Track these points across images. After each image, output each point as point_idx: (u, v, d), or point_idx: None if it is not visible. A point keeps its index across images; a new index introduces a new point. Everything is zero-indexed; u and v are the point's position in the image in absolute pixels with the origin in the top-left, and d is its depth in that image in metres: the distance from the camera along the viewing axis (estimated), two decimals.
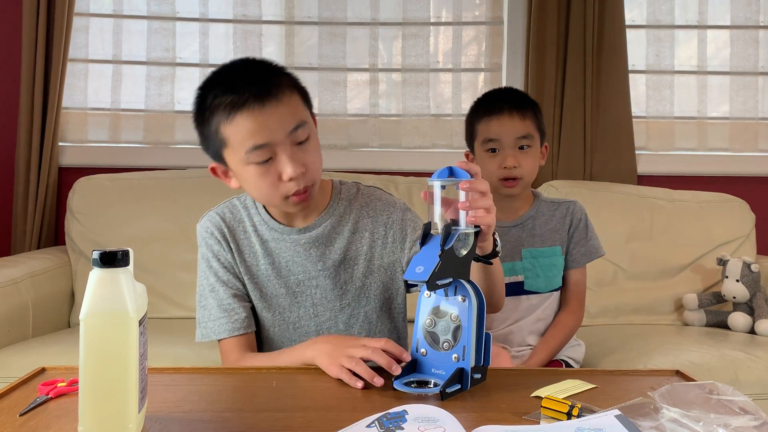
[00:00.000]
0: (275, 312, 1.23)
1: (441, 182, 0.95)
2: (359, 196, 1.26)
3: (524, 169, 1.52)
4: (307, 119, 1.14)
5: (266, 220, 1.22)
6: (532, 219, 1.58)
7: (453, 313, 0.96)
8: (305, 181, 1.11)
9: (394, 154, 2.46)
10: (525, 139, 1.52)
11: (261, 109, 1.07)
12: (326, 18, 2.46)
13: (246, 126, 1.08)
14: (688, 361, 1.59)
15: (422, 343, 0.99)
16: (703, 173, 2.47)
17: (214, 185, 2.20)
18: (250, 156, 1.09)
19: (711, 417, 0.76)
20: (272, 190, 1.12)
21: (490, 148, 1.53)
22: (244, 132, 1.08)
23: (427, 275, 0.90)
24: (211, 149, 1.16)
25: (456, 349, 0.95)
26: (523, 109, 1.53)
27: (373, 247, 1.23)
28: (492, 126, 1.52)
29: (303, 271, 1.22)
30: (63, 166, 2.37)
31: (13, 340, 1.73)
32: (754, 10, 2.50)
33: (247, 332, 1.20)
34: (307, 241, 1.21)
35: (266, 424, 0.82)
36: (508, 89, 1.67)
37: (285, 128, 1.09)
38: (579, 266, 1.59)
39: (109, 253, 0.74)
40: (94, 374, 0.74)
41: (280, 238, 1.21)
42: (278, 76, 1.13)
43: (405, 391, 0.93)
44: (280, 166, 1.09)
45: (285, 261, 1.22)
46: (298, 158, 1.10)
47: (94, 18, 2.43)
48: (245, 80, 1.09)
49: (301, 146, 1.12)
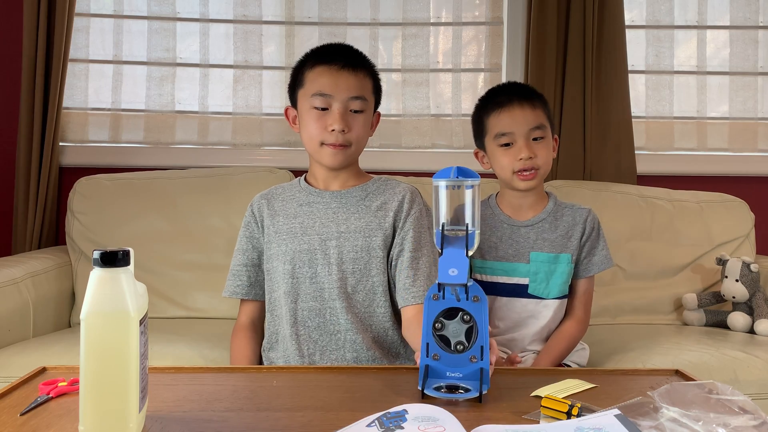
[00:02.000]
0: (296, 265, 1.37)
1: (447, 182, 0.95)
2: (394, 183, 1.47)
3: (540, 159, 1.48)
4: (369, 99, 1.39)
5: (304, 188, 1.45)
6: (544, 222, 1.55)
7: (465, 315, 0.96)
8: (344, 138, 1.36)
9: (394, 154, 2.46)
10: (538, 130, 1.49)
11: (338, 70, 1.36)
12: (326, 18, 2.47)
13: (321, 75, 1.36)
14: (688, 360, 1.59)
15: (433, 347, 0.97)
16: (702, 173, 2.47)
17: (214, 185, 2.22)
18: (313, 100, 1.36)
19: (710, 416, 0.76)
20: (317, 133, 1.36)
21: (504, 142, 1.50)
22: (318, 80, 1.36)
23: (464, 277, 0.92)
24: (290, 88, 1.44)
25: (473, 350, 0.95)
26: (532, 99, 1.51)
27: (394, 225, 1.39)
28: (503, 119, 1.50)
29: (327, 231, 1.38)
30: (63, 166, 2.37)
31: (13, 340, 1.73)
32: (753, 10, 2.50)
33: (247, 298, 1.44)
34: (338, 205, 1.40)
35: (266, 424, 0.82)
36: (513, 83, 1.65)
37: (347, 93, 1.35)
38: (588, 275, 1.56)
39: (109, 252, 0.75)
40: (95, 374, 0.75)
41: (314, 201, 1.42)
42: (364, 61, 1.41)
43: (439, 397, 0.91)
44: (330, 117, 1.35)
45: (313, 221, 1.39)
46: (345, 118, 1.35)
47: (95, 18, 2.44)
48: (339, 51, 1.40)
49: (353, 114, 1.37)
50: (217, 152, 2.44)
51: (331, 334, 1.35)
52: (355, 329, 1.34)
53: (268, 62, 2.46)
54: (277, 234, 1.40)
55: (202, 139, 2.45)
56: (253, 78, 2.46)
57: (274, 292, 1.40)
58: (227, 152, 2.44)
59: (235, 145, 2.45)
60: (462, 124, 2.47)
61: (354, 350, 1.35)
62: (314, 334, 1.36)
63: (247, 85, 2.46)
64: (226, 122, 2.46)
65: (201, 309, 2.04)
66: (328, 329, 1.35)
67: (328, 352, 1.35)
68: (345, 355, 1.35)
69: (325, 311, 1.35)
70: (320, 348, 1.35)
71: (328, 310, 1.35)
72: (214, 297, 2.04)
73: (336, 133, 1.34)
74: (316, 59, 1.39)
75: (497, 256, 1.55)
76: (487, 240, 1.56)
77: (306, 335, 1.35)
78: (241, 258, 1.45)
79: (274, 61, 2.47)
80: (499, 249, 1.55)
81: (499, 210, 1.59)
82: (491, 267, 1.55)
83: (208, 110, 2.46)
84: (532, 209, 1.57)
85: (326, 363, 1.35)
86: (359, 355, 1.35)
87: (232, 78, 2.46)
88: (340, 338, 1.35)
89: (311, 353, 1.35)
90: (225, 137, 2.45)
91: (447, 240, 0.95)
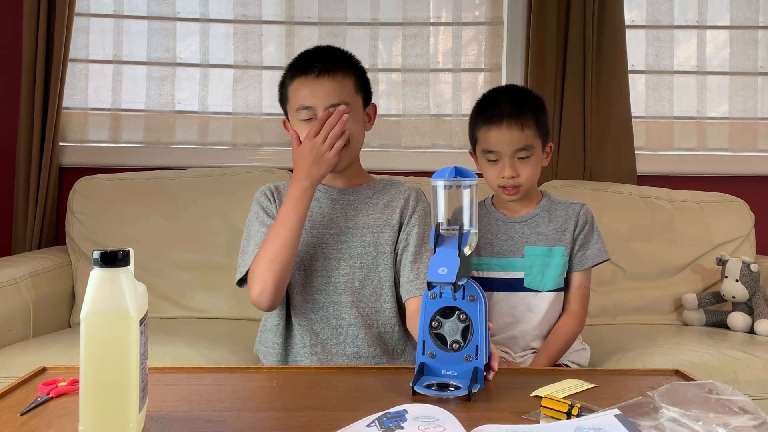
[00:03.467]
0: (303, 258, 1.37)
1: (444, 182, 0.95)
2: (398, 183, 1.47)
3: (522, 178, 1.52)
4: (351, 100, 1.36)
5: None
6: (537, 217, 1.59)
7: (461, 314, 0.96)
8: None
9: (393, 154, 2.47)
10: (524, 151, 1.51)
11: (314, 79, 1.34)
12: (326, 18, 2.47)
13: (300, 88, 1.35)
14: (688, 360, 1.59)
15: (429, 345, 0.98)
16: (702, 173, 2.47)
17: (214, 185, 2.22)
18: (299, 113, 1.35)
19: (710, 416, 0.76)
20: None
21: (490, 159, 1.54)
22: (298, 93, 1.35)
23: (453, 276, 0.91)
24: (280, 103, 1.44)
25: (468, 348, 0.96)
26: (522, 117, 1.51)
27: (400, 223, 1.40)
28: (491, 137, 1.52)
29: (336, 226, 1.39)
30: (63, 166, 2.37)
31: (13, 340, 1.73)
32: (753, 10, 2.50)
33: None
34: (346, 201, 1.41)
35: (266, 424, 0.82)
36: (511, 89, 1.66)
37: (326, 100, 1.33)
38: (583, 269, 1.58)
39: (109, 252, 0.75)
40: (95, 374, 0.75)
41: (322, 196, 1.41)
42: (343, 60, 1.38)
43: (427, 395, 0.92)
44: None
45: (322, 216, 1.40)
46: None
47: (95, 18, 2.44)
48: (315, 57, 1.37)
49: None
50: (217, 152, 2.44)
51: (333, 328, 1.36)
52: (359, 324, 1.35)
53: (268, 62, 2.46)
54: None
55: (202, 139, 2.45)
56: (253, 78, 2.46)
57: None
58: (227, 152, 2.44)
59: (235, 145, 2.45)
60: (462, 124, 2.47)
61: (355, 345, 1.36)
62: (316, 327, 1.36)
63: (247, 85, 2.46)
64: (226, 122, 2.46)
65: (201, 309, 2.04)
66: (331, 323, 1.36)
67: (329, 345, 1.36)
68: (345, 350, 1.36)
69: (329, 305, 1.36)
70: (321, 341, 1.36)
71: (332, 304, 1.36)
72: (214, 297, 2.05)
73: None
74: (293, 71, 1.37)
75: (492, 252, 1.58)
76: (483, 237, 1.59)
77: (308, 327, 1.36)
78: (256, 238, 1.37)
79: (274, 61, 2.47)
80: (495, 245, 1.58)
81: (494, 209, 1.63)
82: (487, 263, 1.58)
83: (208, 110, 2.46)
84: (526, 207, 1.61)
85: (327, 357, 1.35)
86: (360, 350, 1.36)
87: (232, 78, 2.46)
88: (342, 332, 1.36)
89: (313, 344, 1.36)
90: (225, 137, 2.45)
91: (442, 239, 0.95)
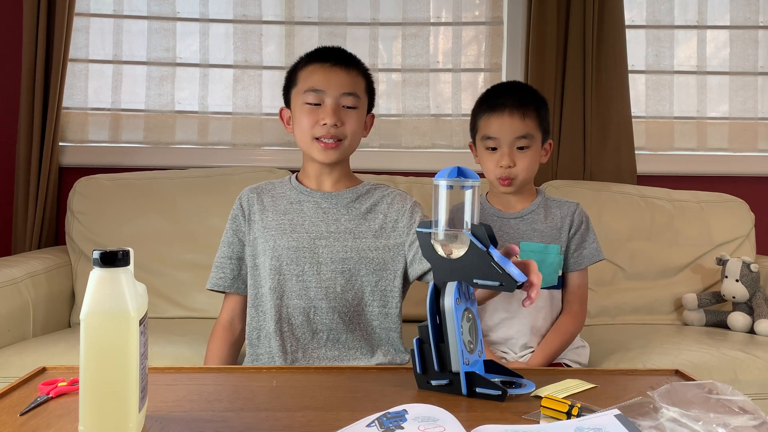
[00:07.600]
0: (283, 262, 1.37)
1: (447, 182, 0.95)
2: (383, 188, 1.48)
3: (519, 168, 1.52)
4: (361, 97, 1.40)
5: (295, 186, 1.45)
6: (533, 214, 1.59)
7: (469, 313, 0.96)
8: (337, 132, 1.36)
9: (393, 154, 2.47)
10: (524, 139, 1.52)
11: (330, 67, 1.38)
12: (326, 18, 2.47)
13: (314, 73, 1.38)
14: (688, 360, 1.59)
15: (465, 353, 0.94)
16: (702, 173, 2.47)
17: (214, 185, 2.22)
18: (306, 96, 1.37)
19: (710, 416, 0.76)
20: (309, 127, 1.37)
21: (489, 146, 1.54)
22: (310, 77, 1.38)
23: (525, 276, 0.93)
24: (285, 89, 1.45)
25: (479, 345, 0.97)
26: (525, 107, 1.52)
27: (383, 227, 1.40)
28: (492, 124, 1.53)
29: (317, 230, 1.39)
30: (63, 166, 2.37)
31: (13, 340, 1.73)
32: (753, 10, 2.50)
33: (230, 291, 1.44)
34: (328, 205, 1.41)
35: (266, 424, 0.82)
36: (515, 84, 1.67)
37: (339, 89, 1.37)
38: (579, 269, 1.58)
39: (109, 252, 0.75)
40: (95, 374, 0.75)
41: (305, 199, 1.42)
42: (357, 62, 1.43)
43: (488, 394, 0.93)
44: (323, 111, 1.36)
45: (303, 219, 1.40)
46: (338, 113, 1.36)
47: (95, 18, 2.44)
48: (332, 51, 1.43)
49: (346, 110, 1.38)
50: (217, 152, 2.44)
51: (313, 333, 1.36)
52: (339, 329, 1.35)
53: (268, 62, 2.46)
54: (266, 229, 1.40)
55: (202, 139, 2.45)
56: (252, 78, 2.46)
57: (260, 288, 1.40)
58: (227, 152, 2.44)
59: (234, 145, 2.45)
60: (462, 124, 2.47)
61: (336, 350, 1.35)
62: (297, 332, 1.36)
63: (246, 85, 2.46)
64: (225, 122, 2.46)
65: (201, 309, 2.04)
66: (311, 328, 1.36)
67: (310, 350, 1.36)
68: (326, 354, 1.36)
69: (309, 310, 1.36)
70: (302, 346, 1.36)
71: (312, 309, 1.36)
72: (214, 297, 2.03)
73: (328, 127, 1.35)
74: (308, 59, 1.41)
75: None
76: None
77: (289, 332, 1.36)
78: (226, 250, 1.45)
79: (274, 61, 2.47)
80: None
81: (488, 205, 1.63)
82: None
83: (208, 110, 2.46)
84: (521, 203, 1.61)
85: (308, 361, 1.35)
86: (341, 354, 1.36)
87: (232, 78, 2.46)
88: (323, 337, 1.36)
89: (294, 350, 1.35)
90: (225, 137, 2.45)
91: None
